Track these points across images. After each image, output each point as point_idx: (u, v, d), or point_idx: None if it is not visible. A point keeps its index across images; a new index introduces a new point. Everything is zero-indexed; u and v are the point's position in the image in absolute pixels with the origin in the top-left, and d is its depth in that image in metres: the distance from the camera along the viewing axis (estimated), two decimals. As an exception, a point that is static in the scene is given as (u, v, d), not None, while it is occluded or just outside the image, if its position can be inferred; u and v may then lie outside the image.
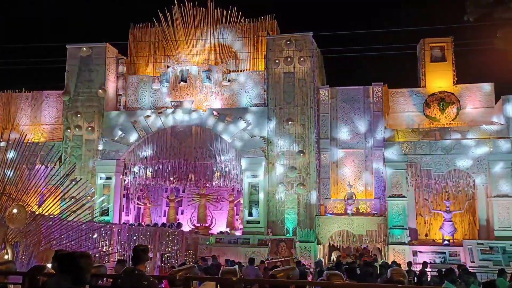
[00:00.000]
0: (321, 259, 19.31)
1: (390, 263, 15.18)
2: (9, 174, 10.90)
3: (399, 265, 14.34)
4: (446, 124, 22.30)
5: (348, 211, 21.08)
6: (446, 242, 20.22)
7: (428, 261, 18.27)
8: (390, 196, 20.91)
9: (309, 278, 14.41)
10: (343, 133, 22.69)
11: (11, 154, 11.26)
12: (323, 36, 23.69)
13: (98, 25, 35.04)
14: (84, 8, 38.16)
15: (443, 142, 20.91)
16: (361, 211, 21.39)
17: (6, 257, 9.96)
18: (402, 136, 21.81)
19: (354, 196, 21.32)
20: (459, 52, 23.43)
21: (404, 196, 20.89)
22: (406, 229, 20.45)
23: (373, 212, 21.30)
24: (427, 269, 16.05)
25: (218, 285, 5.99)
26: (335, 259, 19.16)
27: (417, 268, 16.93)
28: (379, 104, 22.52)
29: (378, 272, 12.39)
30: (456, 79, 23.21)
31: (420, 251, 19.88)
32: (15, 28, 36.54)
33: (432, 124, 22.54)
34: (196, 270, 6.48)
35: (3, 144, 12.38)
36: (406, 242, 20.13)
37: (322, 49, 24.15)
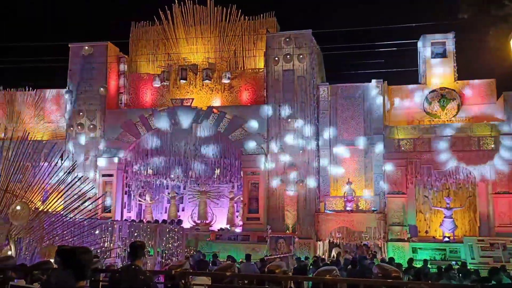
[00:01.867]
0: (320, 255, 19.45)
1: (387, 259, 15.29)
2: (13, 171, 11.10)
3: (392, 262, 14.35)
4: (447, 120, 22.33)
5: (348, 208, 21.20)
6: (446, 239, 20.31)
7: (428, 258, 18.37)
8: (389, 193, 21.02)
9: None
10: (343, 130, 22.77)
11: (14, 152, 11.45)
12: (323, 33, 23.79)
13: (100, 24, 35.18)
14: (85, 7, 38.35)
15: (443, 139, 20.96)
16: (360, 208, 21.49)
17: (9, 253, 10.16)
18: (402, 133, 21.89)
19: (353, 193, 21.44)
20: (460, 48, 23.43)
21: (403, 193, 21.00)
22: (406, 226, 20.56)
23: (373, 209, 21.40)
24: (428, 266, 15.98)
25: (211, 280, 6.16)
26: (335, 256, 19.30)
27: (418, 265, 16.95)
28: (379, 100, 22.57)
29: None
30: (457, 75, 23.19)
31: (420, 248, 19.97)
32: (18, 27, 36.76)
33: (433, 120, 22.58)
34: (187, 265, 6.65)
35: (7, 142, 12.56)
36: (406, 239, 20.24)
37: (322, 46, 24.25)
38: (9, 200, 10.95)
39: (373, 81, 22.84)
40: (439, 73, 23.17)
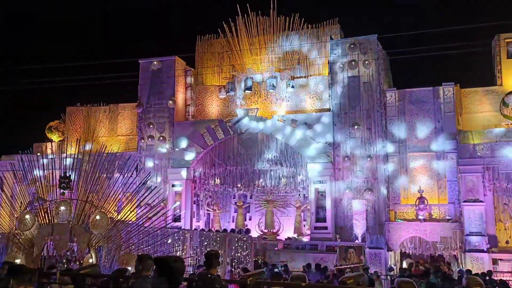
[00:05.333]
0: (392, 266, 18.79)
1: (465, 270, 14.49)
2: (92, 183, 11.75)
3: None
4: (526, 123, 20.91)
5: (420, 217, 20.35)
6: (529, 249, 18.92)
7: (510, 269, 17.19)
8: (465, 201, 19.91)
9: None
10: (412, 136, 21.97)
11: (92, 165, 12.13)
12: (389, 37, 23.16)
13: (167, 39, 36.68)
14: (154, 24, 40.18)
15: (524, 143, 19.61)
16: (433, 216, 20.55)
17: (90, 260, 10.73)
18: (477, 138, 20.75)
19: (425, 201, 20.55)
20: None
21: (481, 201, 19.80)
22: (484, 235, 19.35)
23: (447, 217, 20.39)
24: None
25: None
26: (406, 267, 18.58)
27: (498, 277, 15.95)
28: (450, 105, 21.58)
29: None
30: (536, 75, 21.73)
31: (500, 259, 18.71)
32: (93, 46, 39.20)
33: (511, 124, 21.23)
34: (265, 275, 6.66)
35: (86, 155, 13.33)
36: (485, 249, 19.06)
37: (388, 51, 23.61)
38: (89, 210, 11.60)
39: (444, 84, 21.90)
40: (516, 73, 21.79)
